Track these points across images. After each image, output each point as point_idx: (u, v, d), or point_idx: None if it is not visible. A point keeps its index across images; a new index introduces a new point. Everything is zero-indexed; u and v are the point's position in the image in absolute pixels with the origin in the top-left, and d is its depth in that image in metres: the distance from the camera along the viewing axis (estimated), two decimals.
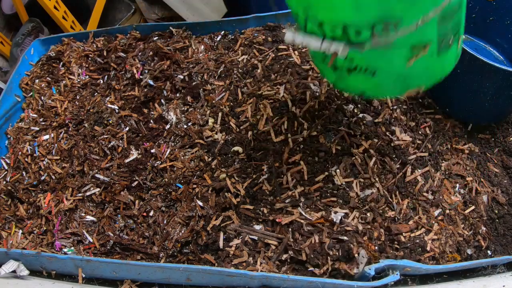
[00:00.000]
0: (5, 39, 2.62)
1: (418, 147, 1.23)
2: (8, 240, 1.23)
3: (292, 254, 1.06)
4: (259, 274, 0.98)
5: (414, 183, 1.17)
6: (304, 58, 1.39)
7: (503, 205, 1.24)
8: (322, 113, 1.24)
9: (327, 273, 1.04)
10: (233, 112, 1.33)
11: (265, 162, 1.18)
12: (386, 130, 1.23)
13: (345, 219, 1.08)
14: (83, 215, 1.24)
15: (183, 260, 1.13)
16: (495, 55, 1.45)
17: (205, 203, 1.18)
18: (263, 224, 1.12)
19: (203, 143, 1.29)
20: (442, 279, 1.10)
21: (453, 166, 1.25)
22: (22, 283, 1.10)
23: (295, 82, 1.33)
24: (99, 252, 1.18)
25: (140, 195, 1.24)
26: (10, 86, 1.57)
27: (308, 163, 1.16)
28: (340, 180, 1.13)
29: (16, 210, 1.30)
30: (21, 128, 1.51)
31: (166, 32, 1.67)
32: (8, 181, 1.37)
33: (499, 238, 1.21)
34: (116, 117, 1.40)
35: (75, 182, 1.29)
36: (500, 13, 1.38)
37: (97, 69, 1.60)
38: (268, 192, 1.15)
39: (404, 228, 1.10)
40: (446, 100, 1.32)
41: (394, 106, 1.30)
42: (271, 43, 1.48)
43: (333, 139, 1.19)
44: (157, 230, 1.18)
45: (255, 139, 1.23)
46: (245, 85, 1.39)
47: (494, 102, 1.23)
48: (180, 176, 1.24)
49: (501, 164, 1.32)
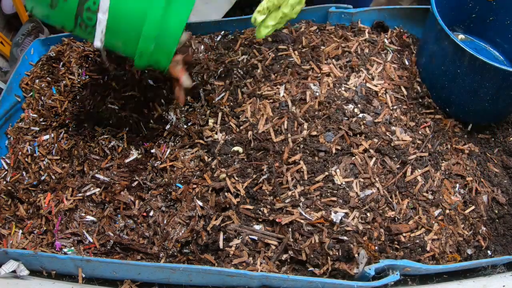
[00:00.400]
0: (5, 39, 2.62)
1: (418, 147, 1.23)
2: (8, 240, 1.24)
3: (292, 254, 1.06)
4: (259, 274, 0.98)
5: (414, 183, 1.17)
6: (304, 58, 1.40)
7: (503, 205, 1.24)
8: (322, 113, 1.24)
9: (327, 273, 1.04)
10: (233, 112, 1.33)
11: (265, 162, 1.18)
12: (386, 130, 1.23)
13: (345, 219, 1.08)
14: (83, 215, 1.24)
15: (183, 260, 1.13)
16: (495, 55, 1.45)
17: (205, 203, 1.18)
18: (263, 224, 1.12)
19: (203, 143, 1.29)
20: (442, 279, 1.11)
21: (453, 166, 1.25)
22: (22, 283, 1.10)
23: (295, 82, 1.33)
24: (99, 252, 1.18)
25: (140, 195, 1.24)
26: (10, 86, 1.57)
27: (308, 163, 1.16)
28: (340, 180, 1.13)
29: (16, 210, 1.30)
30: (21, 128, 1.51)
31: None
32: (8, 181, 1.37)
33: (499, 238, 1.21)
34: (116, 117, 1.40)
35: (75, 182, 1.29)
36: (500, 13, 1.38)
37: (97, 69, 1.60)
38: (268, 192, 1.15)
39: (404, 228, 1.10)
40: (446, 100, 1.32)
41: (394, 106, 1.30)
42: (271, 43, 1.48)
43: (333, 139, 1.19)
44: (157, 230, 1.18)
45: (255, 139, 1.23)
46: (245, 85, 1.39)
47: (494, 102, 1.23)
48: (180, 176, 1.24)
49: (501, 164, 1.32)
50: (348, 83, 1.32)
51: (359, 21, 1.53)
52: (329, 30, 1.50)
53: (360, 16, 1.53)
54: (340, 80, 1.32)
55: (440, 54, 1.24)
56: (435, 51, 1.26)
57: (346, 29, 1.51)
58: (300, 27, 1.52)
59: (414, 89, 1.36)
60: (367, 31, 1.49)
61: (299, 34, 1.48)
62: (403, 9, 1.52)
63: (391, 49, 1.45)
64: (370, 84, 1.32)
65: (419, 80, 1.38)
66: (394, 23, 1.54)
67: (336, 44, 1.42)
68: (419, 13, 1.50)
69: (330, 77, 1.34)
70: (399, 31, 1.51)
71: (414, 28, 1.53)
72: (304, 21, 1.54)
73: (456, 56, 1.18)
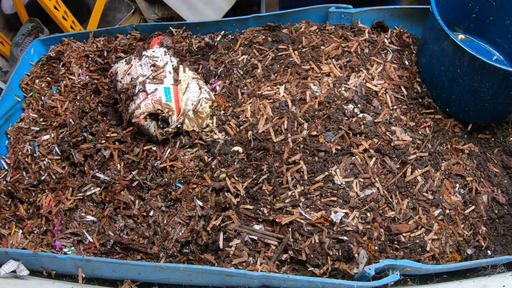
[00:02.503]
0: (5, 39, 2.62)
1: (418, 147, 1.23)
2: (8, 240, 1.24)
3: (292, 254, 1.06)
4: (259, 274, 0.98)
5: (414, 183, 1.17)
6: (304, 58, 1.40)
7: (503, 205, 1.24)
8: (322, 113, 1.24)
9: (327, 273, 1.04)
10: (233, 112, 1.33)
11: (265, 162, 1.18)
12: (386, 130, 1.23)
13: (345, 219, 1.08)
14: (83, 215, 1.24)
15: (183, 260, 1.13)
16: (495, 55, 1.45)
17: (205, 203, 1.18)
18: (263, 224, 1.12)
19: (203, 143, 1.29)
20: (442, 279, 1.11)
21: (453, 166, 1.25)
22: (22, 283, 1.10)
23: (295, 82, 1.33)
24: (99, 252, 1.18)
25: (140, 195, 1.24)
26: (10, 86, 1.57)
27: (308, 163, 1.16)
28: (340, 180, 1.13)
29: (16, 210, 1.31)
30: (21, 128, 1.51)
31: (166, 32, 1.67)
32: (8, 181, 1.37)
33: (499, 238, 1.21)
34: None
35: (75, 182, 1.29)
36: (500, 13, 1.38)
37: (97, 69, 1.60)
38: (268, 192, 1.15)
39: (404, 228, 1.10)
40: (446, 100, 1.32)
41: (394, 106, 1.30)
42: (271, 43, 1.48)
43: (333, 139, 1.19)
44: (157, 230, 1.18)
45: (255, 139, 1.23)
46: (245, 85, 1.39)
47: (494, 102, 1.23)
48: (180, 176, 1.24)
49: (501, 164, 1.32)
50: (348, 83, 1.32)
51: (359, 21, 1.53)
52: (329, 30, 1.51)
53: (360, 16, 1.53)
54: (340, 80, 1.32)
55: (440, 54, 1.24)
56: (435, 51, 1.26)
57: (346, 29, 1.51)
58: (300, 27, 1.52)
59: (414, 89, 1.36)
60: (367, 31, 1.49)
61: (299, 34, 1.48)
62: (403, 9, 1.53)
63: (391, 49, 1.45)
64: (370, 84, 1.32)
65: (419, 80, 1.38)
66: (394, 23, 1.54)
67: (336, 44, 1.42)
68: (419, 13, 1.50)
69: (330, 77, 1.34)
70: (399, 31, 1.51)
71: (414, 28, 1.53)
72: (304, 21, 1.54)
73: (456, 56, 1.18)
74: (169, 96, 1.27)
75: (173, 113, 1.27)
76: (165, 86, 1.29)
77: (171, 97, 1.27)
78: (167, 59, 1.36)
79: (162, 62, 1.35)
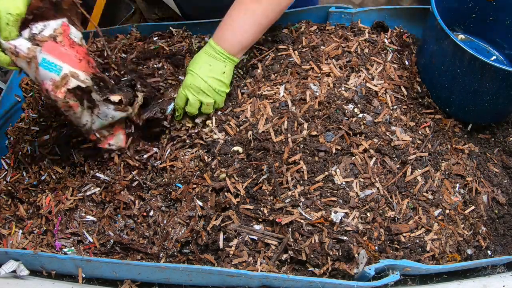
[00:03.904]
0: None
1: (418, 147, 1.23)
2: (8, 240, 1.24)
3: (292, 254, 1.06)
4: (259, 274, 0.98)
5: (414, 183, 1.17)
6: (304, 58, 1.40)
7: (503, 205, 1.24)
8: (322, 113, 1.24)
9: (327, 273, 1.04)
10: (233, 112, 1.33)
11: (265, 162, 1.18)
12: (386, 130, 1.23)
13: (345, 219, 1.08)
14: (83, 215, 1.24)
15: (183, 260, 1.13)
16: (495, 55, 1.45)
17: (205, 203, 1.18)
18: (263, 224, 1.12)
19: (203, 143, 1.29)
20: (442, 279, 1.11)
21: (453, 166, 1.25)
22: (22, 283, 1.10)
23: (295, 82, 1.33)
24: (99, 252, 1.18)
25: (140, 195, 1.24)
26: (10, 86, 1.57)
27: (308, 162, 1.16)
28: (340, 180, 1.13)
29: (16, 210, 1.31)
30: (21, 128, 1.51)
31: (166, 32, 1.67)
32: (8, 181, 1.37)
33: (499, 238, 1.21)
34: None
35: (75, 182, 1.29)
36: (500, 13, 1.38)
37: None
38: (268, 192, 1.15)
39: (404, 228, 1.10)
40: (446, 100, 1.32)
41: (394, 106, 1.30)
42: (271, 43, 1.48)
43: (333, 139, 1.19)
44: (157, 230, 1.18)
45: (255, 139, 1.23)
46: (245, 85, 1.39)
47: (494, 102, 1.23)
48: (180, 176, 1.24)
49: (501, 164, 1.32)
50: (348, 83, 1.32)
51: (359, 21, 1.53)
52: (329, 30, 1.50)
53: (360, 16, 1.53)
54: (340, 80, 1.32)
55: (440, 54, 1.24)
56: (435, 51, 1.26)
57: (346, 29, 1.51)
58: (300, 27, 1.52)
59: (414, 89, 1.36)
60: (367, 31, 1.49)
61: (299, 34, 1.48)
62: (403, 9, 1.52)
63: (391, 49, 1.45)
64: (370, 84, 1.32)
65: (419, 80, 1.38)
66: (394, 23, 1.54)
67: (336, 44, 1.42)
68: (419, 13, 1.50)
69: (330, 77, 1.34)
70: (399, 31, 1.51)
71: (414, 28, 1.53)
72: (304, 21, 1.54)
73: (456, 56, 1.18)
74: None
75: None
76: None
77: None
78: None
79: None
